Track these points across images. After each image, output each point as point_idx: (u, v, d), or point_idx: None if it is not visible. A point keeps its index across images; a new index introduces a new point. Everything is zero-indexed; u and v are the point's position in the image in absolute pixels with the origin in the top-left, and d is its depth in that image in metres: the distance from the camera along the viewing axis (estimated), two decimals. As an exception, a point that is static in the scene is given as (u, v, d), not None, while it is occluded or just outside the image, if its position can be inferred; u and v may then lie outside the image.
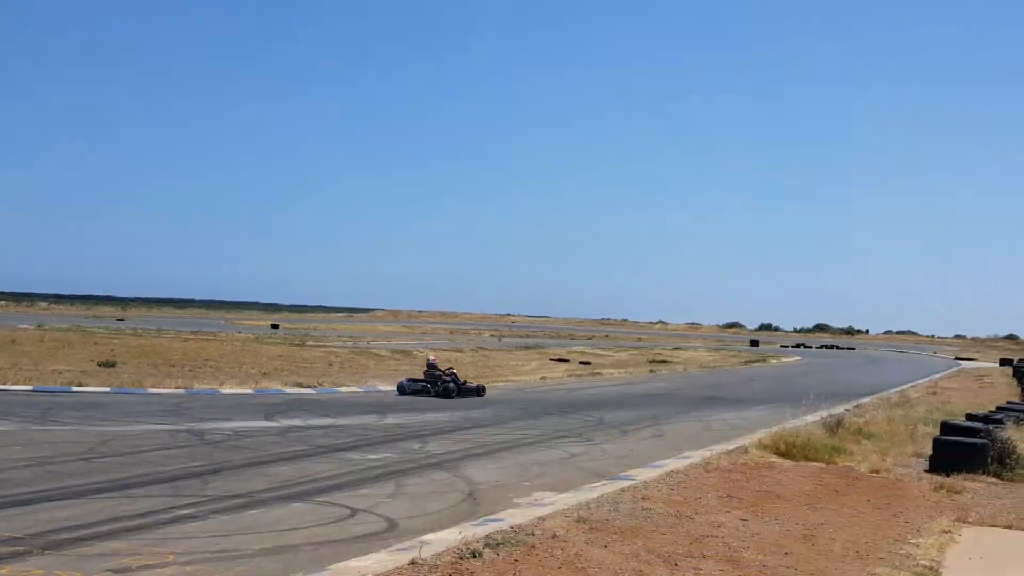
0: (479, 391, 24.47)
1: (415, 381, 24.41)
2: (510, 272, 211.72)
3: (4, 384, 20.72)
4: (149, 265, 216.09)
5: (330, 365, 32.94)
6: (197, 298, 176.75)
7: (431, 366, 24.79)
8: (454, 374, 24.73)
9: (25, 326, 51.94)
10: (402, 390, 23.94)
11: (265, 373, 27.58)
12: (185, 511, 9.25)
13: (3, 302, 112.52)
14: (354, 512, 9.59)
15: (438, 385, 23.84)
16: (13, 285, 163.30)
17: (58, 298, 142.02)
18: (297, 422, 17.19)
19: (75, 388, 20.99)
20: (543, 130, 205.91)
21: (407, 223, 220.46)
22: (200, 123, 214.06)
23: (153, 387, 21.88)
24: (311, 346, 47.14)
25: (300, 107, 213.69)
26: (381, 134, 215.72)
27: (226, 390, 22.37)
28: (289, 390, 23.35)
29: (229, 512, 9.33)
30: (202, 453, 13.13)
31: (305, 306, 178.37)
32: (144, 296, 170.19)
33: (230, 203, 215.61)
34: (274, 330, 73.63)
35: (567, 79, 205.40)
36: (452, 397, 23.23)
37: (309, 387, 24.15)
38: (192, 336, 51.39)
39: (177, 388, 21.95)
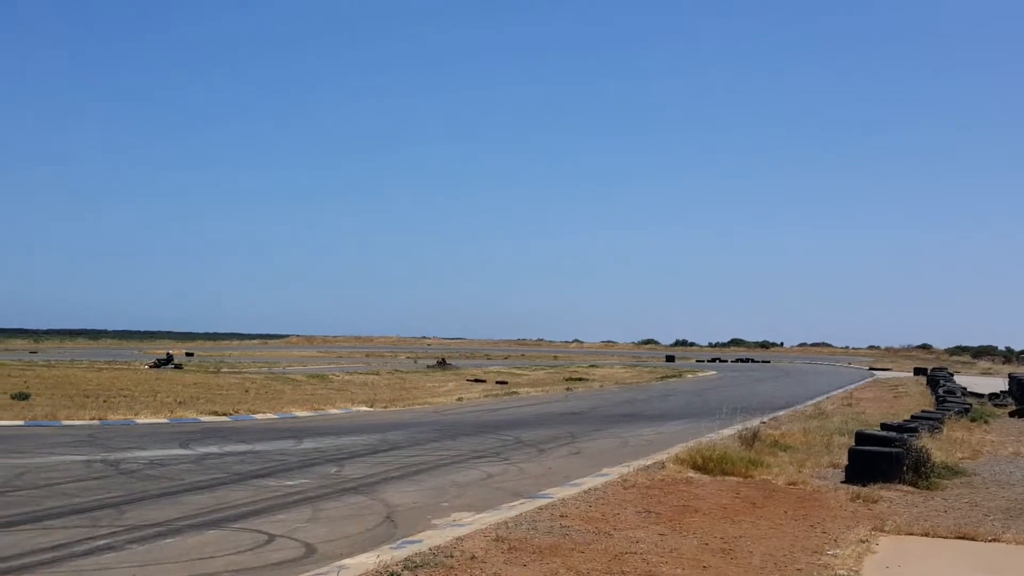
0: None
1: None
2: (423, 295, 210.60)
3: (-91, 419, 20.05)
4: (61, 297, 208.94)
5: (246, 392, 32.55)
6: (110, 328, 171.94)
7: None
8: None
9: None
10: None
11: (180, 402, 27.15)
12: (101, 542, 9.20)
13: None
14: (272, 538, 9.64)
15: None
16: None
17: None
18: (213, 449, 17.05)
19: (-14, 422, 20.43)
20: (450, 146, 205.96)
21: (319, 247, 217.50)
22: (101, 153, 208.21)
23: (67, 419, 21.40)
24: (226, 373, 46.44)
25: (212, 131, 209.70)
26: (288, 155, 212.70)
27: (141, 420, 22.00)
28: (205, 418, 23.06)
29: (146, 542, 9.30)
30: (117, 483, 12.99)
31: (219, 334, 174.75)
32: (57, 328, 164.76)
33: (139, 232, 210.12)
34: (188, 358, 72.19)
35: (492, 96, 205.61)
36: None
37: (225, 415, 23.88)
38: (106, 366, 50.16)
39: (92, 419, 21.49)
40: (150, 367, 48.72)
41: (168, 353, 59.90)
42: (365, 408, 27.86)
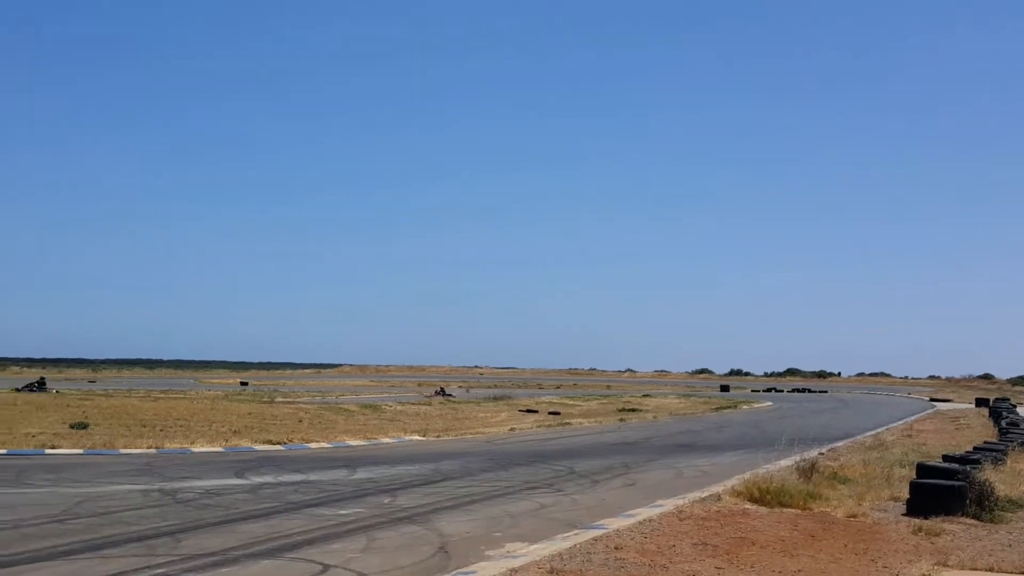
0: None
1: None
2: (475, 324, 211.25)
3: (-23, 449, 20.54)
4: (119, 328, 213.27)
5: (299, 421, 32.75)
6: (166, 358, 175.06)
7: None
8: None
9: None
10: None
11: (235, 431, 27.42)
12: (158, 571, 9.28)
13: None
14: (326, 568, 9.64)
15: None
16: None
17: (30, 361, 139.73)
18: (268, 479, 17.16)
19: (48, 450, 20.84)
20: (499, 176, 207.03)
21: (372, 277, 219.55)
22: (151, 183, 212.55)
23: (125, 447, 21.74)
24: (280, 403, 46.78)
25: (263, 158, 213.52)
26: (338, 185, 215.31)
27: (197, 448, 22.26)
28: (259, 447, 23.26)
29: (202, 571, 9.37)
30: (174, 512, 13.12)
31: (273, 363, 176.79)
32: (114, 357, 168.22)
33: (194, 263, 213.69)
34: (243, 387, 73.00)
35: (542, 124, 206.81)
36: None
37: (279, 444, 24.08)
38: (162, 395, 50.87)
39: (148, 448, 21.82)
40: (18, 390, 51.00)
41: (41, 378, 63.18)
42: (418, 437, 27.91)
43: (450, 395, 57.03)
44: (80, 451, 20.98)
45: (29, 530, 11.40)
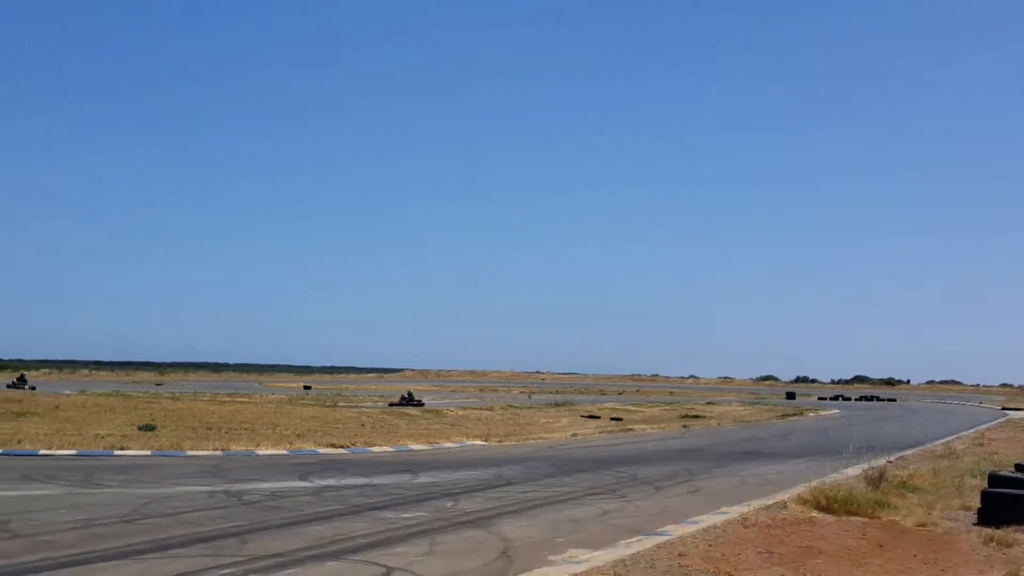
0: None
1: None
2: (537, 329, 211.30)
3: (49, 449, 21.07)
4: (185, 331, 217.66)
5: (362, 425, 33.02)
6: (231, 362, 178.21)
7: None
8: None
9: (68, 392, 52.46)
10: None
11: (299, 434, 27.72)
12: (225, 571, 9.38)
13: (46, 369, 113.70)
14: (389, 571, 9.66)
15: None
16: (55, 353, 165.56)
17: (98, 364, 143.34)
18: (331, 482, 17.29)
19: (117, 452, 21.28)
20: (570, 186, 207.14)
21: (433, 283, 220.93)
22: (235, 191, 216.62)
23: (191, 449, 22.12)
24: (343, 407, 47.28)
25: (336, 170, 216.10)
26: (399, 195, 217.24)
27: (262, 451, 22.54)
28: (323, 450, 23.47)
29: (268, 572, 9.45)
30: (240, 513, 13.27)
31: (335, 367, 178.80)
32: (180, 361, 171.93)
33: (258, 269, 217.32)
34: (306, 391, 73.89)
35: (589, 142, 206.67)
36: None
37: (342, 447, 24.28)
38: (228, 399, 51.72)
39: (214, 450, 22.16)
40: (8, 386, 55.81)
41: (22, 374, 69.73)
42: (480, 442, 27.93)
43: (419, 402, 53.22)
44: (148, 452, 21.39)
45: (99, 529, 11.62)
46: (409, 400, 52.87)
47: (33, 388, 55.20)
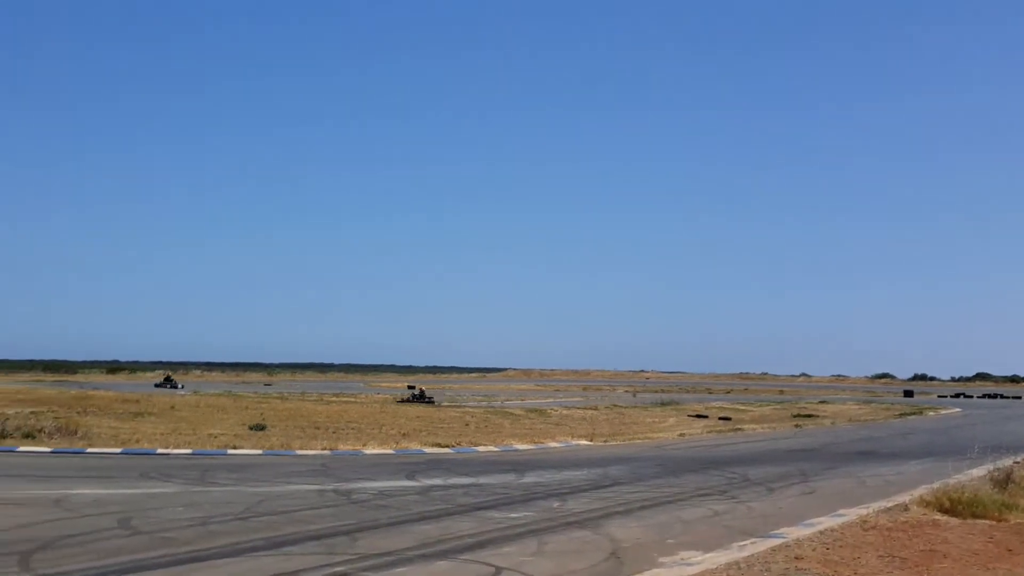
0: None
1: None
2: (641, 327, 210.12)
3: (166, 448, 21.81)
4: (292, 333, 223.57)
5: (466, 425, 33.21)
6: (337, 362, 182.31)
7: None
8: None
9: (182, 393, 54.41)
10: None
11: (404, 434, 28.01)
12: (337, 568, 9.45)
13: (160, 371, 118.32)
14: (499, 571, 9.59)
15: None
16: (168, 355, 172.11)
17: (209, 365, 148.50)
18: (438, 481, 17.36)
19: (230, 451, 21.89)
20: (674, 192, 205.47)
21: (536, 284, 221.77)
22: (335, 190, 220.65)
23: (300, 449, 22.55)
24: (447, 407, 47.69)
25: (422, 170, 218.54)
26: (493, 198, 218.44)
27: (368, 451, 22.82)
28: (428, 450, 23.64)
29: (379, 570, 9.48)
30: (349, 512, 13.40)
31: (439, 367, 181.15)
32: (288, 361, 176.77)
33: (361, 272, 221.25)
34: (410, 391, 74.90)
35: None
36: None
37: (447, 447, 24.42)
38: (334, 399, 52.75)
39: (323, 449, 22.54)
40: (157, 385, 59.29)
41: (168, 375, 72.36)
42: (585, 442, 27.75)
43: (430, 399, 53.53)
44: (259, 451, 21.90)
45: (215, 527, 11.87)
46: (420, 396, 53.90)
47: (181, 387, 57.08)
